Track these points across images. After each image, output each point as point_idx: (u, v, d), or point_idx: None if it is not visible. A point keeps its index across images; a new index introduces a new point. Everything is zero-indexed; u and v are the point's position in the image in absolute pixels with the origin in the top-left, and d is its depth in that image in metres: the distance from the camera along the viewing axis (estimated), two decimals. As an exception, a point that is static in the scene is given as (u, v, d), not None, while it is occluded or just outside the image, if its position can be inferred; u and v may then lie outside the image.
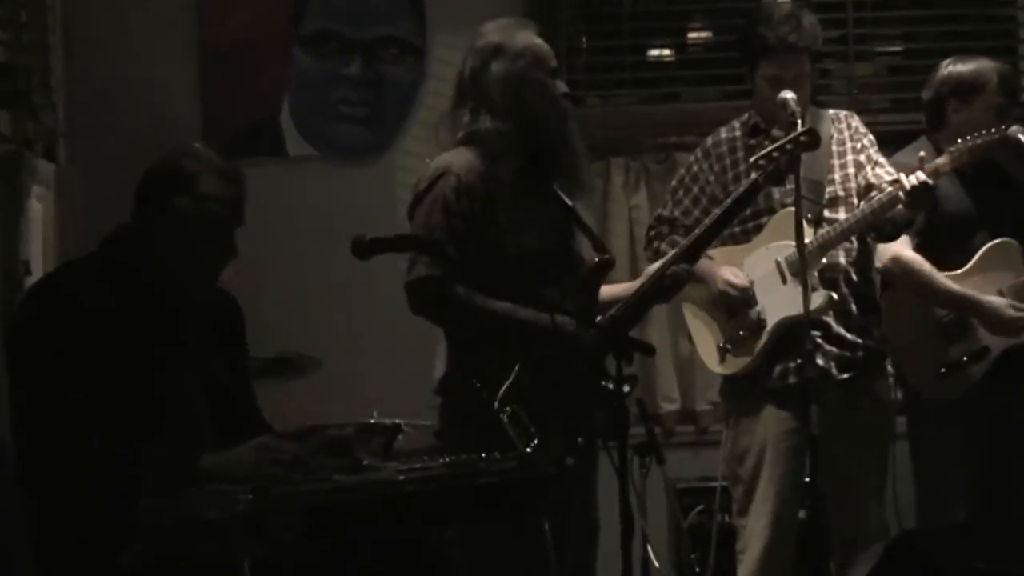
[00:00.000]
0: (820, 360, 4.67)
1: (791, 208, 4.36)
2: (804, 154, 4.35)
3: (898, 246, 4.89)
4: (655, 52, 6.57)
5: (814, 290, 4.51)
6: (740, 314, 4.73)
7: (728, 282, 4.71)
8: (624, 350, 3.57)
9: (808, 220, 4.54)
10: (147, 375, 3.37)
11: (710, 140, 4.93)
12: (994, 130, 4.74)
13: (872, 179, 4.77)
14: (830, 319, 4.71)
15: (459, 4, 5.79)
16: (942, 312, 4.95)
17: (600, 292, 4.22)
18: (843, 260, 4.76)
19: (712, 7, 6.46)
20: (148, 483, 3.13)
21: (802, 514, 4.81)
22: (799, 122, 4.36)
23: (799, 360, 4.37)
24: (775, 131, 4.58)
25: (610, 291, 4.26)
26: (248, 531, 2.90)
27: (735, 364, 4.77)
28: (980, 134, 4.71)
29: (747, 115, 4.89)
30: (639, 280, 4.34)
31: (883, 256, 4.90)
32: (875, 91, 6.44)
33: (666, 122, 6.23)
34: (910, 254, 4.91)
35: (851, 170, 4.82)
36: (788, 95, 4.51)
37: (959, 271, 4.94)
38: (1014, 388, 4.92)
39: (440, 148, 4.10)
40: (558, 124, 4.05)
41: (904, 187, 4.55)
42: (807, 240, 4.40)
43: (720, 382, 4.96)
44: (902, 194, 4.56)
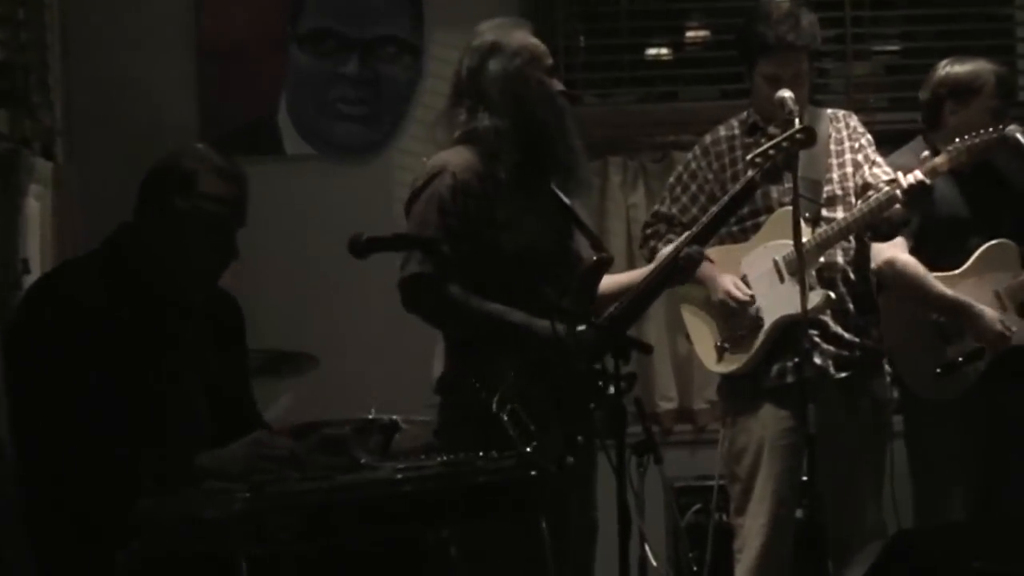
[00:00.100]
0: (818, 359, 4.67)
1: (789, 207, 4.37)
2: (802, 153, 4.35)
3: (893, 249, 4.88)
4: (653, 51, 6.57)
5: (812, 289, 4.51)
6: (738, 313, 4.73)
7: (729, 294, 4.70)
8: (622, 349, 3.57)
9: (806, 219, 4.54)
10: (146, 375, 3.37)
11: (708, 138, 4.93)
12: (992, 129, 4.74)
13: (869, 178, 4.77)
14: (828, 318, 4.71)
15: (456, 3, 5.79)
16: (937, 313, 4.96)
17: (604, 283, 4.22)
18: (841, 259, 4.76)
19: (710, 6, 6.47)
20: (145, 482, 3.13)
21: (800, 513, 4.81)
22: (796, 120, 4.36)
23: (797, 359, 4.35)
24: (771, 128, 4.57)
25: (615, 281, 4.25)
26: (245, 530, 2.90)
27: (733, 363, 4.76)
28: (978, 133, 4.71)
29: (745, 113, 4.89)
30: (646, 268, 4.33)
31: (877, 258, 4.89)
32: (873, 90, 6.44)
33: (664, 121, 6.22)
34: (904, 257, 4.91)
35: (849, 169, 4.82)
36: (786, 94, 4.51)
37: (955, 272, 4.94)
38: (1010, 388, 4.92)
39: (437, 147, 4.10)
40: (556, 122, 4.05)
41: (902, 186, 4.56)
42: (805, 239, 4.40)
43: (718, 381, 4.96)
44: (899, 193, 4.57)
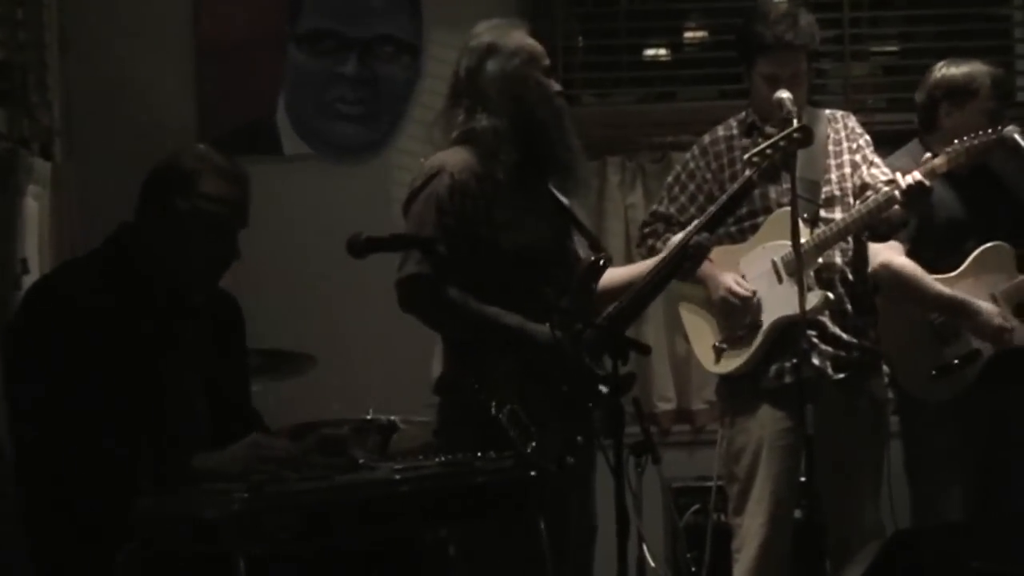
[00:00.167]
0: (816, 360, 4.67)
1: (787, 208, 4.37)
2: (800, 154, 4.35)
3: (888, 252, 4.88)
4: (651, 51, 6.57)
5: (810, 290, 4.50)
6: (737, 313, 4.73)
7: (731, 290, 4.70)
8: (620, 349, 3.57)
9: (804, 220, 4.53)
10: (146, 375, 3.37)
11: (707, 138, 4.93)
12: (991, 131, 4.74)
13: (868, 179, 4.77)
14: (826, 319, 4.71)
15: (455, 3, 5.79)
16: (934, 314, 4.95)
17: (609, 276, 4.22)
18: (839, 260, 4.76)
19: (708, 6, 6.47)
20: (144, 482, 3.13)
21: (798, 513, 4.81)
22: (794, 120, 4.37)
23: (795, 360, 4.36)
24: (768, 128, 4.58)
25: (619, 274, 4.26)
26: (244, 530, 2.90)
27: (731, 363, 4.76)
28: (977, 135, 4.70)
29: (744, 114, 4.89)
30: (651, 260, 4.32)
31: (872, 262, 4.87)
32: (871, 91, 6.44)
33: (662, 121, 6.22)
34: (900, 259, 4.89)
35: (847, 170, 4.82)
36: (784, 94, 4.52)
37: (951, 274, 4.93)
38: (1007, 389, 4.91)
39: (435, 147, 4.10)
40: (554, 122, 4.05)
41: (900, 187, 4.56)
42: (803, 240, 4.40)
43: (716, 381, 4.96)
44: (898, 194, 4.57)
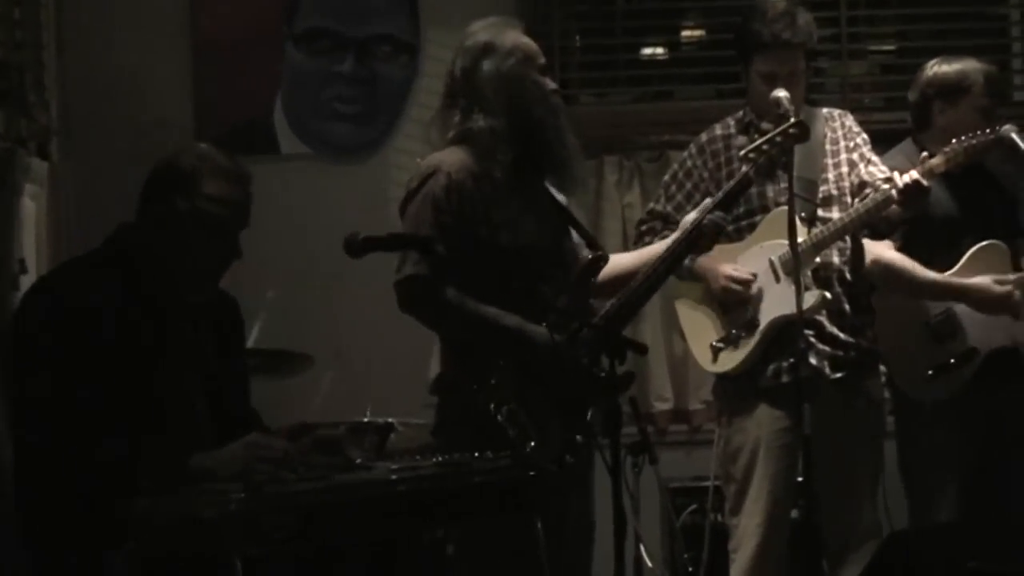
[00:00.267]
0: (813, 359, 4.66)
1: (785, 207, 4.37)
2: (798, 153, 4.35)
3: (879, 247, 4.88)
4: (648, 50, 6.57)
5: (807, 289, 4.50)
6: (734, 312, 4.73)
7: (730, 277, 4.70)
8: (617, 349, 3.57)
9: (802, 219, 4.53)
10: (146, 374, 3.37)
11: (704, 136, 4.92)
12: (988, 130, 4.72)
13: (866, 176, 4.77)
14: (823, 318, 4.71)
15: (452, 2, 5.79)
16: (930, 314, 4.94)
17: (617, 262, 4.23)
18: (837, 259, 4.76)
19: (705, 5, 6.47)
20: (142, 482, 3.13)
21: (795, 513, 4.81)
22: (791, 117, 4.37)
23: (792, 359, 4.36)
24: (764, 124, 4.59)
25: (627, 259, 4.27)
26: (241, 530, 2.90)
27: (728, 363, 4.76)
28: (975, 134, 4.69)
29: (742, 112, 4.89)
30: (657, 245, 4.33)
31: (865, 259, 4.88)
32: (868, 90, 6.45)
33: (659, 120, 6.22)
34: (891, 253, 4.89)
35: (844, 169, 4.81)
36: (781, 93, 4.51)
37: (947, 273, 4.92)
38: (1003, 389, 4.91)
39: (431, 147, 4.09)
40: (550, 120, 4.04)
41: (897, 186, 4.55)
42: (801, 239, 4.40)
43: (713, 381, 4.96)
44: (895, 193, 4.56)
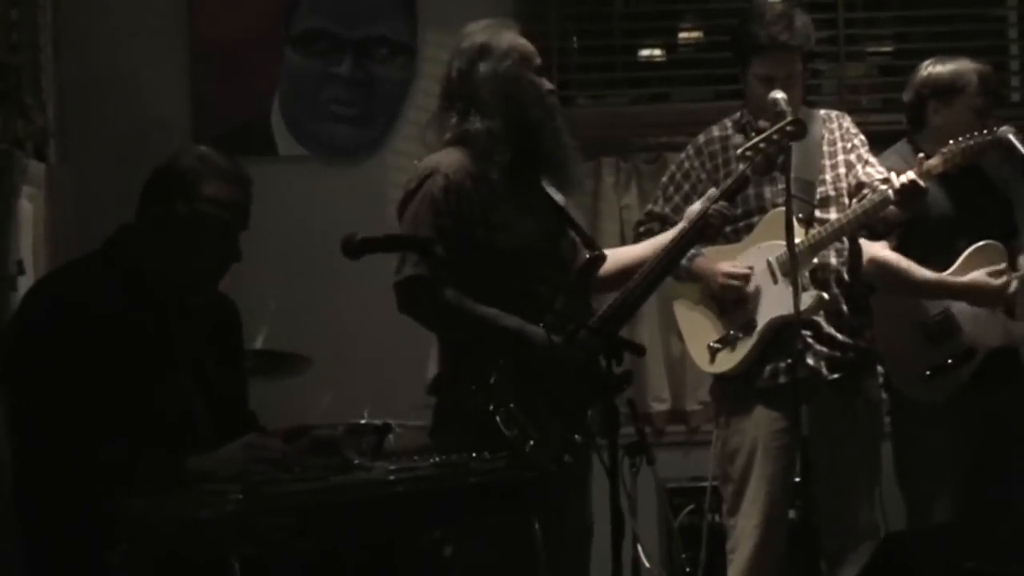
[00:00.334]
0: (811, 360, 4.66)
1: (782, 208, 4.37)
2: (795, 154, 4.35)
3: (875, 247, 4.88)
4: (646, 52, 6.58)
5: (805, 290, 4.51)
6: (732, 313, 4.73)
7: (727, 274, 4.70)
8: (614, 350, 3.57)
9: (799, 220, 4.53)
10: (145, 376, 3.37)
11: (702, 138, 4.92)
12: (986, 131, 4.73)
13: (863, 177, 4.77)
14: (821, 319, 4.70)
15: (449, 3, 5.79)
16: (927, 314, 4.94)
17: (625, 254, 4.25)
18: (834, 260, 4.76)
19: (703, 7, 6.48)
20: (140, 483, 3.13)
21: (792, 514, 4.82)
22: (788, 116, 4.38)
23: (790, 360, 4.36)
24: (761, 122, 4.59)
25: (634, 252, 4.28)
26: (239, 531, 2.90)
27: (726, 364, 4.75)
28: (973, 135, 4.69)
29: (739, 114, 4.89)
30: (663, 236, 4.33)
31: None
32: (866, 91, 6.45)
33: (657, 122, 6.23)
34: (886, 253, 4.89)
35: (842, 170, 4.82)
36: (778, 95, 4.51)
37: (944, 274, 4.92)
38: (1000, 389, 4.91)
39: (428, 149, 4.09)
40: (547, 121, 4.05)
41: (894, 186, 4.55)
42: (798, 240, 4.41)
43: (711, 382, 4.96)
44: (891, 193, 4.56)
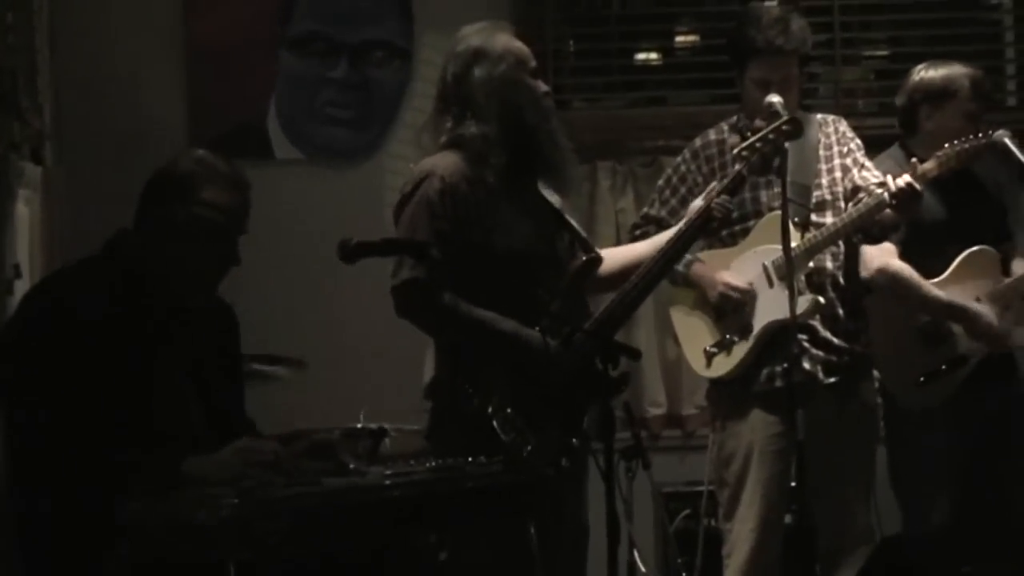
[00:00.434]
0: (807, 364, 4.67)
1: (778, 212, 4.36)
2: (791, 158, 4.35)
3: (884, 256, 4.87)
4: (642, 56, 6.58)
5: (801, 294, 4.51)
6: (728, 317, 4.73)
7: (728, 284, 4.70)
8: (610, 354, 3.56)
9: (795, 224, 4.54)
10: (143, 379, 3.36)
11: (699, 141, 4.93)
12: (981, 135, 4.73)
13: (859, 181, 4.77)
14: (817, 323, 4.71)
15: (446, 6, 5.79)
16: (922, 318, 4.94)
17: (619, 254, 4.26)
18: (830, 264, 4.76)
19: (699, 11, 6.48)
20: (135, 486, 3.13)
21: (788, 518, 4.81)
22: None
23: (786, 364, 4.36)
24: (757, 122, 4.59)
25: (635, 251, 4.29)
26: (234, 535, 2.90)
27: (722, 368, 4.75)
28: (968, 138, 4.68)
29: (736, 118, 4.89)
30: (659, 237, 4.34)
31: (869, 266, 4.86)
32: (862, 95, 6.45)
33: (653, 126, 6.22)
34: (896, 263, 4.88)
35: (838, 174, 4.82)
36: (775, 99, 4.52)
37: (938, 279, 4.91)
38: (995, 394, 4.91)
39: (423, 153, 4.08)
40: (543, 124, 4.05)
41: (890, 190, 4.55)
42: (794, 244, 4.40)
43: (707, 386, 4.95)
44: (887, 196, 4.56)
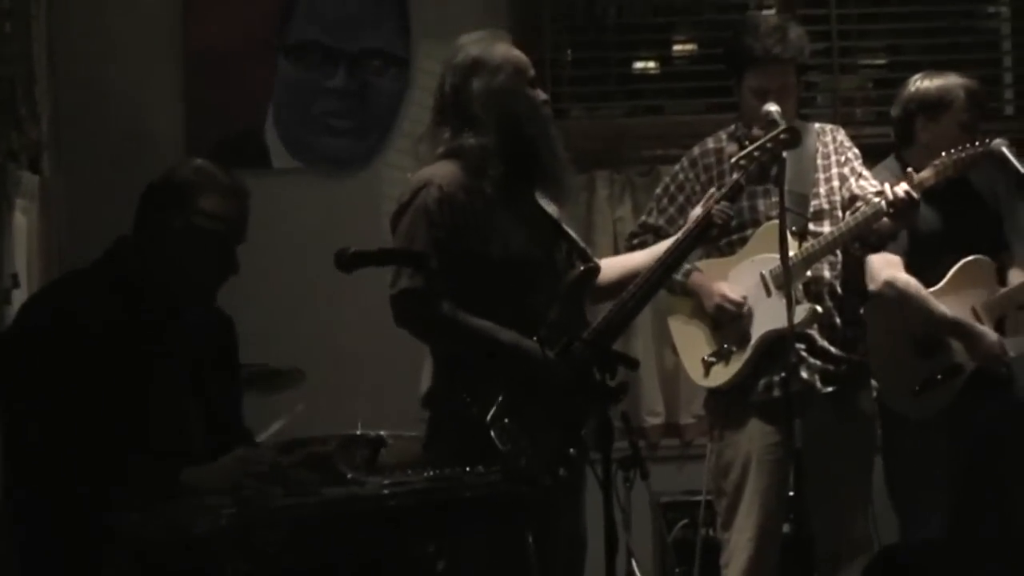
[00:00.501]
0: (804, 373, 4.67)
1: (776, 221, 4.37)
2: (789, 167, 4.36)
3: (889, 268, 4.86)
4: (640, 64, 6.58)
5: (798, 303, 4.51)
6: (726, 327, 4.73)
7: (725, 297, 4.70)
8: (608, 363, 3.56)
9: (793, 233, 4.53)
10: (141, 388, 3.36)
11: (697, 149, 4.93)
12: (978, 144, 4.73)
13: (856, 190, 4.78)
14: (815, 332, 4.71)
15: (444, 15, 5.80)
16: (917, 329, 4.93)
17: (622, 263, 4.28)
18: (828, 273, 4.76)
19: (697, 20, 6.49)
20: (133, 495, 3.13)
21: (786, 528, 4.80)
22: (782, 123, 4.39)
23: (784, 373, 4.36)
24: (755, 131, 4.60)
25: (635, 260, 4.30)
26: (232, 545, 2.90)
27: (720, 377, 4.76)
28: (965, 147, 4.69)
29: (733, 126, 4.89)
30: (659, 246, 4.35)
31: (876, 279, 4.85)
32: (860, 104, 6.45)
33: (650, 135, 6.23)
34: (904, 277, 4.86)
35: (836, 183, 4.82)
36: (772, 107, 4.53)
37: (934, 288, 4.90)
38: (989, 404, 4.90)
39: (420, 163, 4.08)
40: (541, 133, 4.04)
41: (888, 198, 4.55)
42: (791, 253, 4.40)
43: (705, 395, 4.95)
44: (884, 205, 4.56)
